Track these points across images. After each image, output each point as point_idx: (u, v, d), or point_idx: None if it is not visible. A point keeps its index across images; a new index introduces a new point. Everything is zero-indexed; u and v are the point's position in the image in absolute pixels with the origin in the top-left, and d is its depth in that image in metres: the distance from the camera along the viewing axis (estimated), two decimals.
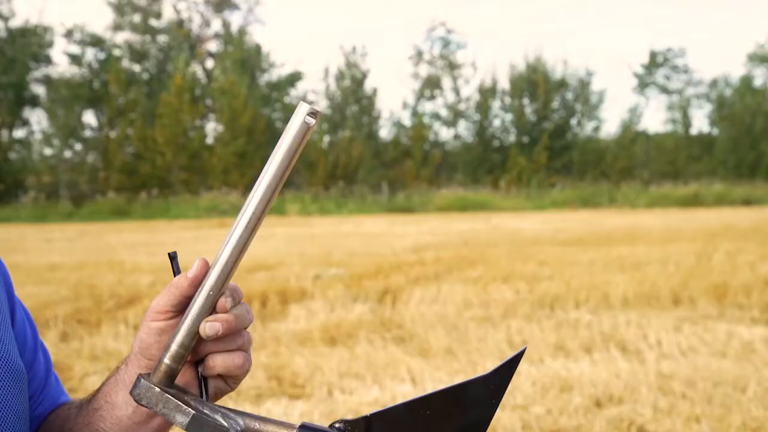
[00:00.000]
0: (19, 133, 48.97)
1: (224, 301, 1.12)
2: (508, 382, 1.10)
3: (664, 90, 56.32)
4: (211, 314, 1.12)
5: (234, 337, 1.15)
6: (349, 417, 1.12)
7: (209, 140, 49.18)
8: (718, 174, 48.71)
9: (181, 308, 1.15)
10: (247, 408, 6.20)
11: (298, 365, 7.67)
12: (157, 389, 1.12)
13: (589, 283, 11.74)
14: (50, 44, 48.95)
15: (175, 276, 1.16)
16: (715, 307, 10.30)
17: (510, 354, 1.09)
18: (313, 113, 1.08)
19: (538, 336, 8.77)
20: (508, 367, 1.10)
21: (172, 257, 1.19)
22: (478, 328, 9.24)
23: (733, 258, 14.55)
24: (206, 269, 1.13)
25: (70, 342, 8.84)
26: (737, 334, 8.70)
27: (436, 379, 7.13)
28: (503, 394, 1.10)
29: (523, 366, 7.45)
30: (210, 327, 1.11)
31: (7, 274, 1.31)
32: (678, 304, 10.56)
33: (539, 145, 50.66)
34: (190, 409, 1.10)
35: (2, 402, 1.15)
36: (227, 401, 1.17)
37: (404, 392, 6.79)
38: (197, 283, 1.13)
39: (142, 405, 1.13)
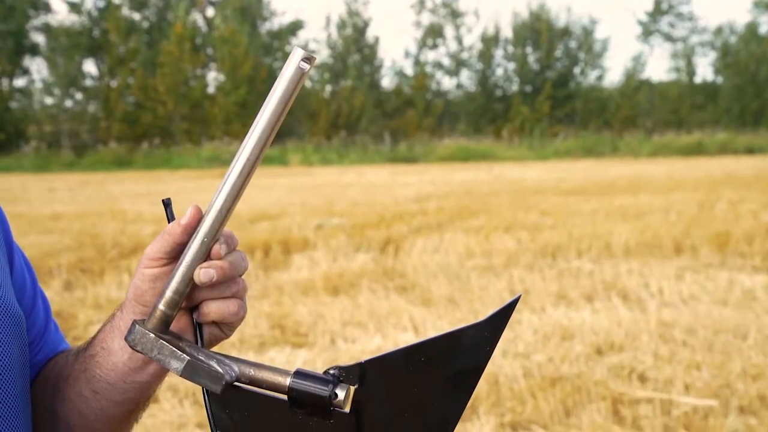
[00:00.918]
0: (19, 82, 48.76)
1: (218, 248, 1.12)
2: (503, 329, 1.10)
3: (668, 38, 55.86)
4: (205, 261, 1.12)
5: (229, 284, 1.15)
6: (343, 363, 1.12)
7: (210, 90, 48.95)
8: (722, 123, 48.51)
9: (174, 255, 1.15)
10: (251, 356, 6.24)
11: (301, 314, 7.71)
12: (152, 335, 1.12)
13: (591, 232, 11.75)
14: None
15: (169, 223, 1.16)
16: (716, 255, 10.31)
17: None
18: (307, 59, 1.06)
19: (539, 285, 8.80)
20: (503, 314, 1.09)
21: (166, 204, 1.18)
22: (480, 278, 9.27)
23: (735, 207, 14.54)
24: (199, 216, 1.13)
25: (73, 291, 8.88)
26: (738, 282, 8.73)
27: (438, 327, 7.17)
28: (498, 341, 1.09)
29: (524, 315, 7.49)
30: (204, 273, 1.11)
31: (5, 221, 1.31)
32: (680, 253, 10.58)
33: (542, 94, 50.39)
34: (184, 355, 1.10)
35: (6, 350, 1.15)
36: (230, 349, 1.17)
37: (406, 340, 6.83)
38: (190, 231, 1.13)
39: (137, 351, 1.13)
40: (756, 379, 5.80)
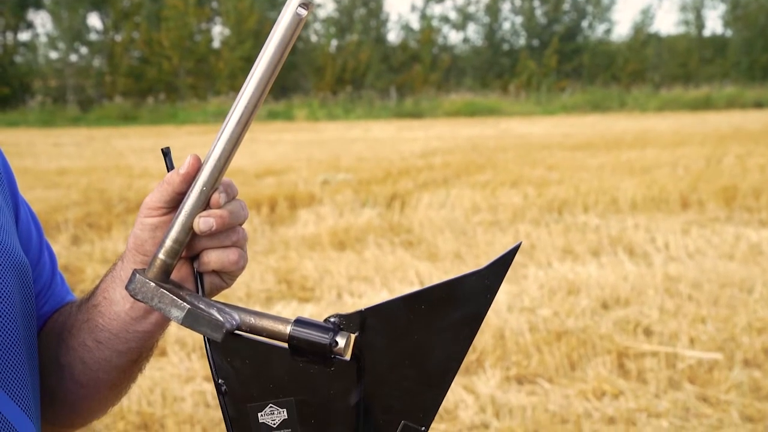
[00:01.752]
0: (23, 36, 48.60)
1: (218, 197, 1.12)
2: (504, 276, 1.09)
3: None
4: (204, 210, 1.12)
5: (228, 233, 1.15)
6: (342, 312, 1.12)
7: (216, 44, 48.68)
8: (731, 76, 48.15)
9: (174, 204, 1.14)
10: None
11: (308, 269, 7.74)
12: (152, 284, 1.12)
13: (598, 187, 11.73)
14: None
15: (168, 172, 1.16)
16: (723, 210, 10.30)
17: (518, 258, 1.09)
18: (305, 4, 1.05)
19: (545, 240, 8.80)
20: (503, 262, 1.09)
21: (165, 153, 1.17)
22: (486, 233, 9.28)
23: (743, 161, 14.49)
24: (198, 165, 1.12)
25: (81, 245, 8.91)
26: (745, 237, 8.72)
27: None
28: (498, 288, 1.09)
29: (530, 269, 7.51)
30: (203, 222, 1.11)
31: (10, 173, 1.30)
32: (686, 208, 10.56)
33: (549, 48, 50.01)
34: (185, 303, 1.10)
35: (10, 298, 1.15)
36: (236, 303, 1.17)
37: None
38: (189, 180, 1.12)
39: (138, 300, 1.13)
40: (761, 333, 5.82)
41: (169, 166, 1.16)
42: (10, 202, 1.27)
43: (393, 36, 53.67)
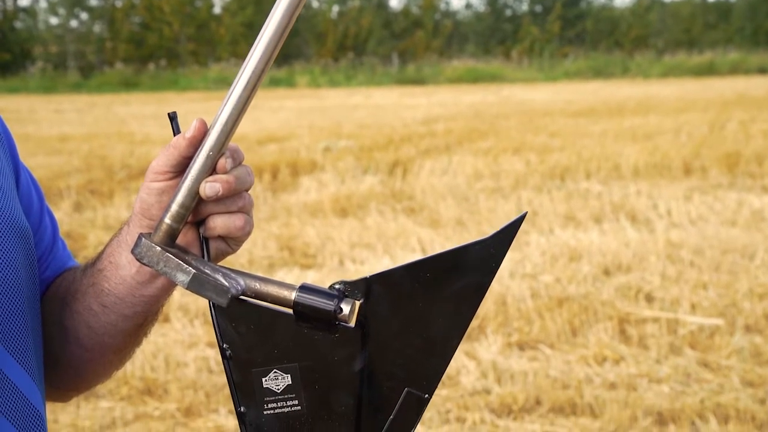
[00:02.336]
0: (24, 1, 48.34)
1: (224, 162, 1.11)
2: (508, 246, 1.09)
3: None
4: (211, 175, 1.11)
5: (235, 198, 1.14)
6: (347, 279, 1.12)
7: (217, 10, 48.39)
8: (735, 42, 47.88)
9: (180, 169, 1.14)
10: None
11: (310, 236, 7.75)
12: (158, 248, 1.11)
13: (600, 153, 11.71)
14: None
15: (174, 136, 1.15)
16: (726, 176, 10.28)
17: (521, 225, 1.08)
18: None
19: (548, 206, 8.80)
20: (508, 231, 1.09)
21: (172, 117, 1.17)
22: (488, 199, 9.28)
23: (746, 127, 14.44)
24: (204, 129, 1.12)
25: (83, 212, 8.93)
26: (747, 203, 8.72)
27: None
28: (503, 258, 1.09)
29: (532, 236, 7.51)
30: (210, 187, 1.10)
31: (10, 138, 1.30)
32: (689, 174, 10.55)
33: (552, 14, 49.69)
34: (190, 268, 1.10)
35: (12, 261, 1.15)
36: (239, 269, 1.18)
37: None
38: (195, 144, 1.12)
39: (143, 264, 1.13)
40: (762, 298, 5.83)
41: (176, 131, 1.16)
42: (10, 167, 1.26)
43: (395, 2, 53.37)
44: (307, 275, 6.63)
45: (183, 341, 5.34)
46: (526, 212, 1.15)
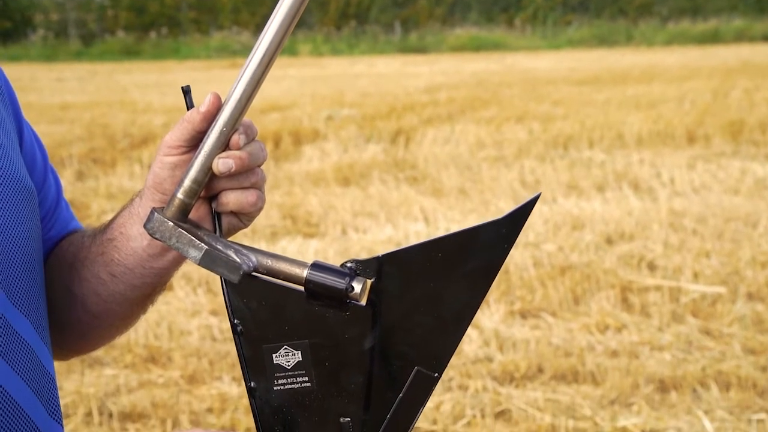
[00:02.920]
0: None
1: (237, 138, 1.12)
2: (521, 226, 1.10)
3: None
4: (224, 151, 1.12)
5: (247, 174, 1.15)
6: (363, 256, 1.13)
7: None
8: (739, 9, 47.53)
9: (193, 143, 1.14)
10: (262, 246, 6.31)
11: (312, 205, 7.75)
12: (171, 223, 1.12)
13: (604, 122, 11.67)
14: None
15: (188, 110, 1.15)
16: (729, 144, 10.26)
17: (523, 194, 1.09)
18: None
19: (551, 175, 8.79)
20: (522, 212, 1.09)
21: (186, 91, 1.17)
22: (491, 168, 9.27)
23: (750, 95, 14.38)
24: (219, 103, 1.12)
25: (86, 181, 8.93)
26: (751, 171, 8.70)
27: (449, 218, 7.20)
28: (515, 239, 1.10)
29: (535, 205, 7.51)
30: (223, 163, 1.11)
31: (13, 97, 1.30)
32: (693, 142, 10.52)
33: None
34: (203, 244, 1.11)
35: (18, 218, 1.16)
36: (242, 239, 1.18)
37: (417, 231, 6.87)
38: (210, 118, 1.12)
39: (156, 239, 1.13)
40: (765, 266, 5.84)
41: (189, 105, 1.16)
42: (14, 125, 1.26)
43: None
44: (309, 244, 6.64)
45: (186, 309, 5.36)
46: (540, 193, 1.16)
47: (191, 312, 5.33)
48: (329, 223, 7.21)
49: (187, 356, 4.76)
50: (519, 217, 1.09)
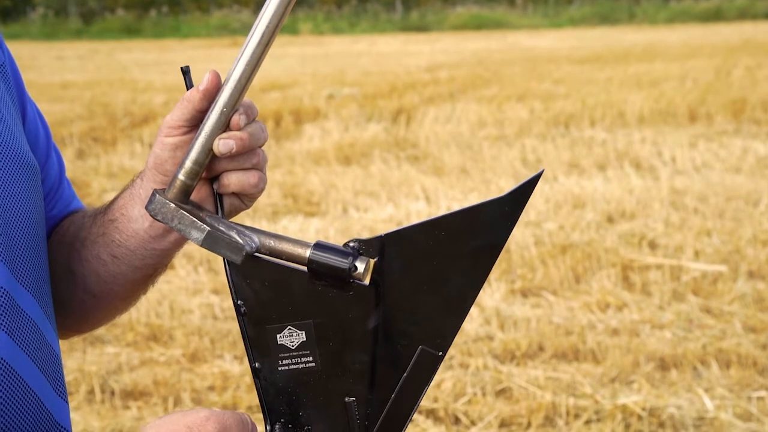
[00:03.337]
0: None
1: (238, 119, 1.11)
2: (525, 204, 1.10)
3: None
4: (224, 131, 1.11)
5: (249, 155, 1.15)
6: (365, 235, 1.12)
7: None
8: None
9: (194, 123, 1.14)
10: (264, 225, 6.31)
11: (313, 183, 7.75)
12: (172, 205, 1.12)
13: (605, 100, 11.64)
14: None
15: (187, 90, 1.15)
16: (731, 123, 10.23)
17: (524, 173, 1.09)
18: None
19: (552, 154, 8.78)
20: (525, 190, 1.09)
21: (185, 71, 1.16)
22: (492, 147, 9.25)
23: (752, 73, 14.33)
24: (218, 81, 1.11)
25: (86, 159, 8.92)
26: (753, 150, 8.69)
27: (450, 197, 7.20)
28: (519, 217, 1.10)
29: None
30: (223, 144, 1.10)
31: (17, 72, 1.29)
32: (694, 121, 10.50)
33: None
34: (205, 225, 1.11)
35: (22, 195, 1.15)
36: (244, 218, 1.18)
37: (418, 209, 6.87)
38: (209, 96, 1.12)
39: (158, 220, 1.13)
40: (766, 245, 5.85)
41: (189, 85, 1.15)
42: (16, 101, 1.25)
43: None
44: (310, 223, 6.64)
45: (187, 288, 5.37)
46: (543, 170, 1.15)
47: (192, 291, 5.34)
48: (330, 202, 7.20)
49: (189, 335, 4.77)
50: (522, 194, 1.09)
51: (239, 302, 1.13)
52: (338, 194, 7.40)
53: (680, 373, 4.24)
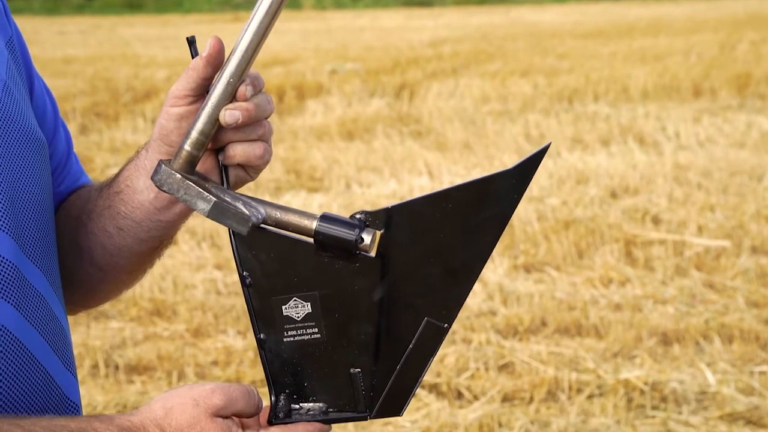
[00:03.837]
0: None
1: (244, 89, 1.10)
2: (531, 176, 1.10)
3: None
4: (230, 102, 1.11)
5: (254, 126, 1.14)
6: (369, 209, 1.12)
7: None
8: None
9: (200, 92, 1.13)
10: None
11: (316, 159, 7.74)
12: (178, 175, 1.11)
13: (609, 75, 11.60)
14: None
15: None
16: (735, 97, 10.19)
17: (527, 148, 1.09)
18: None
19: (555, 129, 8.76)
20: (532, 163, 1.09)
21: (191, 41, 1.16)
22: (496, 123, 9.23)
23: (757, 47, 14.26)
24: (220, 47, 1.11)
25: (89, 134, 8.92)
26: (757, 124, 8.66)
27: (453, 172, 7.19)
28: (525, 189, 1.10)
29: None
30: (230, 115, 1.10)
31: (24, 47, 1.28)
32: (698, 96, 10.45)
33: None
34: (211, 196, 1.10)
35: (27, 170, 1.15)
36: (246, 193, 1.18)
37: (421, 185, 6.87)
38: (213, 62, 1.11)
39: (163, 191, 1.12)
40: None
41: (194, 55, 1.14)
42: (24, 76, 1.25)
43: None
44: (313, 198, 6.64)
45: (191, 263, 5.38)
46: (550, 143, 1.15)
47: (196, 266, 5.35)
48: (333, 177, 7.20)
49: (192, 310, 4.78)
50: (529, 167, 1.10)
51: (245, 274, 1.13)
52: (341, 170, 7.39)
53: (683, 348, 4.24)
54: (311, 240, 1.11)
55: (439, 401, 3.85)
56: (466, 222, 1.10)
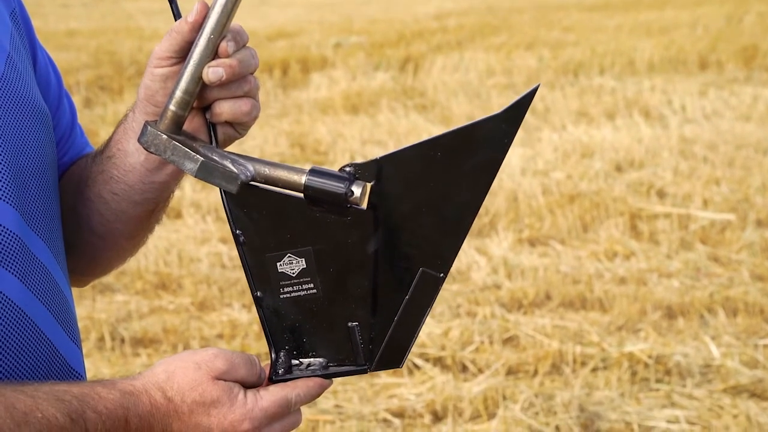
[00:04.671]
0: None
1: (225, 45, 1.08)
2: (521, 121, 1.08)
3: None
4: (213, 59, 1.09)
5: (240, 82, 1.12)
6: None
7: None
8: None
9: (183, 54, 1.12)
10: None
11: (321, 133, 7.72)
12: (164, 136, 1.10)
13: (615, 48, 11.53)
14: None
15: (175, 20, 1.13)
16: (742, 70, 10.13)
17: (532, 122, 1.08)
18: None
19: (560, 103, 8.72)
20: (521, 105, 1.07)
21: (171, 0, 1.14)
22: (501, 96, 9.19)
23: (764, 20, 14.15)
24: (207, 12, 1.09)
25: (93, 108, 8.90)
26: (763, 97, 8.61)
27: None
28: (515, 133, 1.08)
29: (544, 132, 7.46)
30: (212, 72, 1.08)
31: (27, 19, 1.27)
32: (705, 69, 10.40)
33: None
34: (198, 155, 1.09)
35: (41, 148, 1.15)
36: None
37: None
38: (198, 27, 1.09)
39: (150, 152, 1.12)
40: None
41: (176, 14, 1.13)
42: (27, 48, 1.24)
43: None
44: None
45: (196, 237, 5.39)
46: (539, 84, 1.13)
47: (200, 239, 5.36)
48: (338, 151, 7.19)
49: (197, 283, 4.79)
50: (518, 110, 1.07)
51: (238, 232, 1.12)
52: (345, 143, 7.38)
53: (687, 321, 4.25)
54: (302, 195, 1.10)
55: (444, 374, 3.86)
56: (457, 169, 1.08)
